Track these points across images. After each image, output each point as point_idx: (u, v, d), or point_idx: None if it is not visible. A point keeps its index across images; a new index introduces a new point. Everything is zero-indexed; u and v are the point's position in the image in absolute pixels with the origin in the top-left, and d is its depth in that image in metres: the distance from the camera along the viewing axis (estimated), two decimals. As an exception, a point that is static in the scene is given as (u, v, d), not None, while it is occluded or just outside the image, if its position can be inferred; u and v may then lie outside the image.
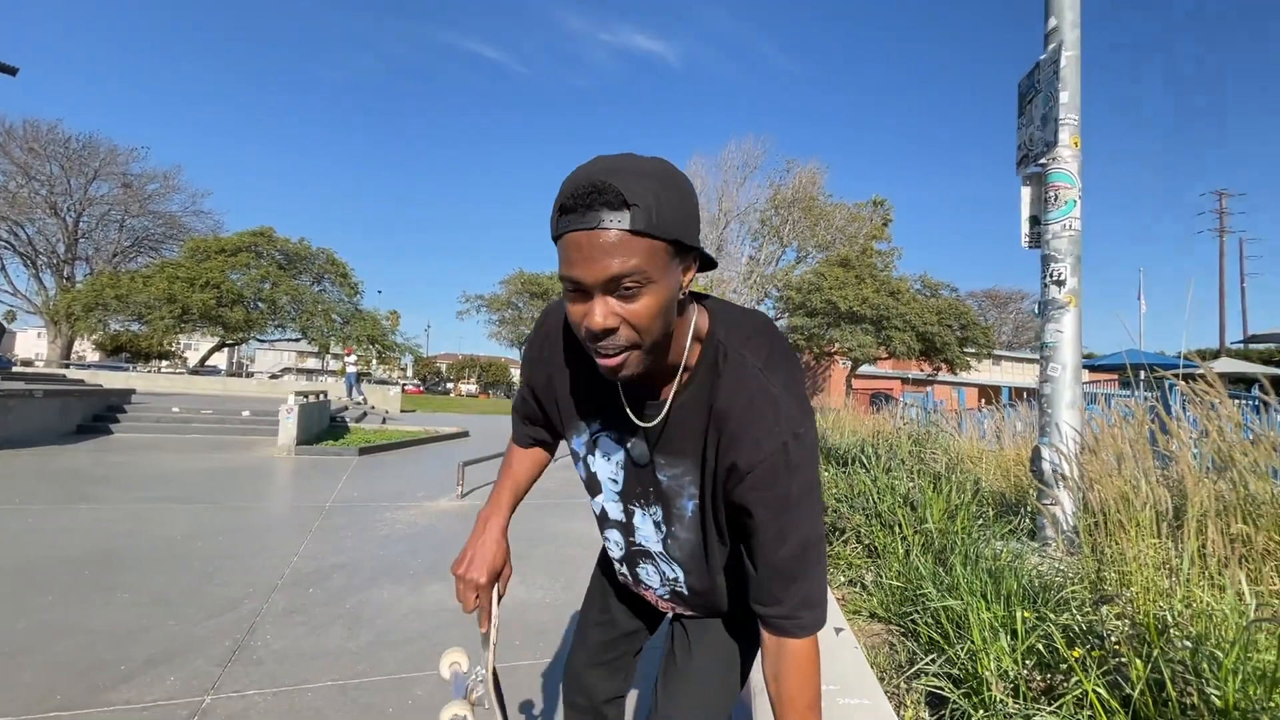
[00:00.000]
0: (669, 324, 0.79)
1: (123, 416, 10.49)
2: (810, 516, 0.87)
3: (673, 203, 0.73)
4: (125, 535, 4.15)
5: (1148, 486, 2.37)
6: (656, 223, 0.71)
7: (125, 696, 2.12)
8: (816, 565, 0.89)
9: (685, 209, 0.76)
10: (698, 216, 0.79)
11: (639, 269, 0.71)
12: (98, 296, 25.01)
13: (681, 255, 0.78)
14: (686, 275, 0.80)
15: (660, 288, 0.74)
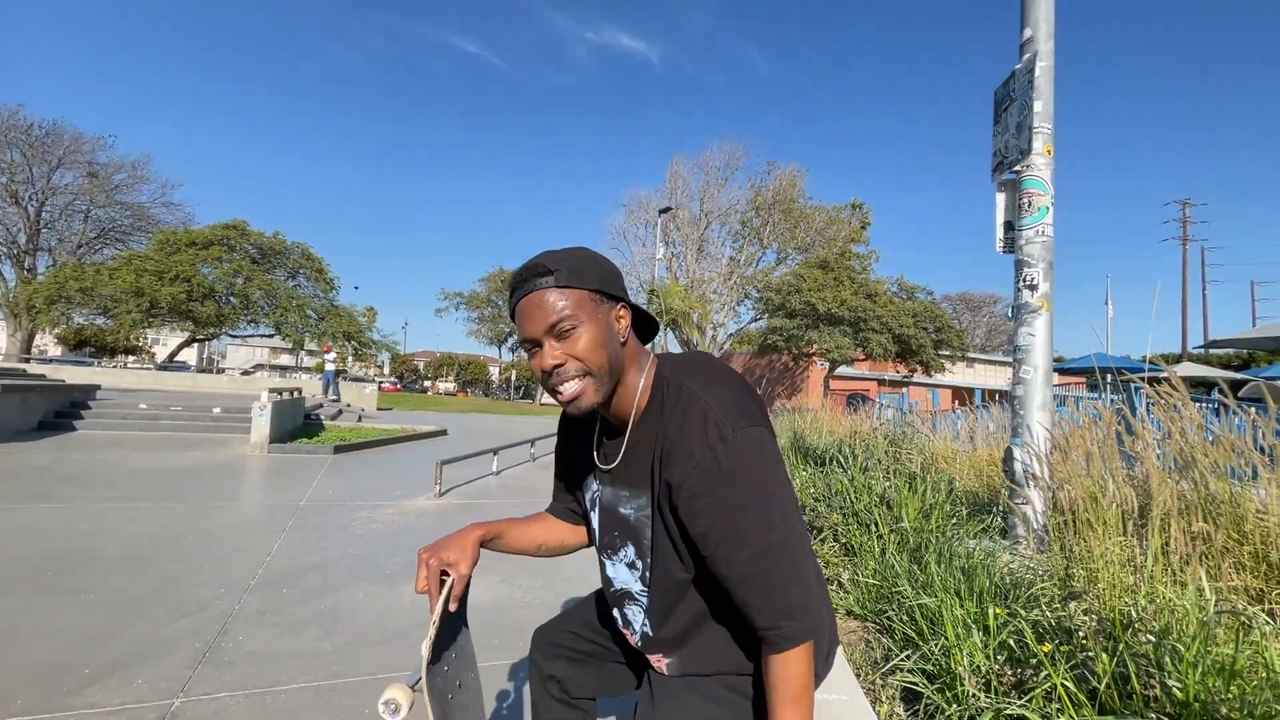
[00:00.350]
0: (611, 356, 0.97)
1: (87, 413, 10.17)
2: (760, 523, 0.90)
3: (588, 264, 0.97)
4: (90, 535, 4.03)
5: (1114, 486, 2.44)
6: (575, 278, 0.95)
7: (90, 700, 2.06)
8: (783, 573, 0.91)
9: (602, 269, 0.99)
10: (617, 276, 1.02)
11: (569, 313, 0.94)
12: (61, 289, 24.20)
13: (607, 302, 0.98)
14: (620, 321, 1.00)
15: (592, 326, 0.95)
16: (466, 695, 1.10)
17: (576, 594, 3.37)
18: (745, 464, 0.89)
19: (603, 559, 1.16)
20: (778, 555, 0.90)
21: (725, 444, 0.89)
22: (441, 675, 1.03)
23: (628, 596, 1.13)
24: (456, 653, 1.10)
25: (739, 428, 0.90)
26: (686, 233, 30.00)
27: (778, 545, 0.90)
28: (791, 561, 0.91)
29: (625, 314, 1.01)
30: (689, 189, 30.42)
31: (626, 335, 1.01)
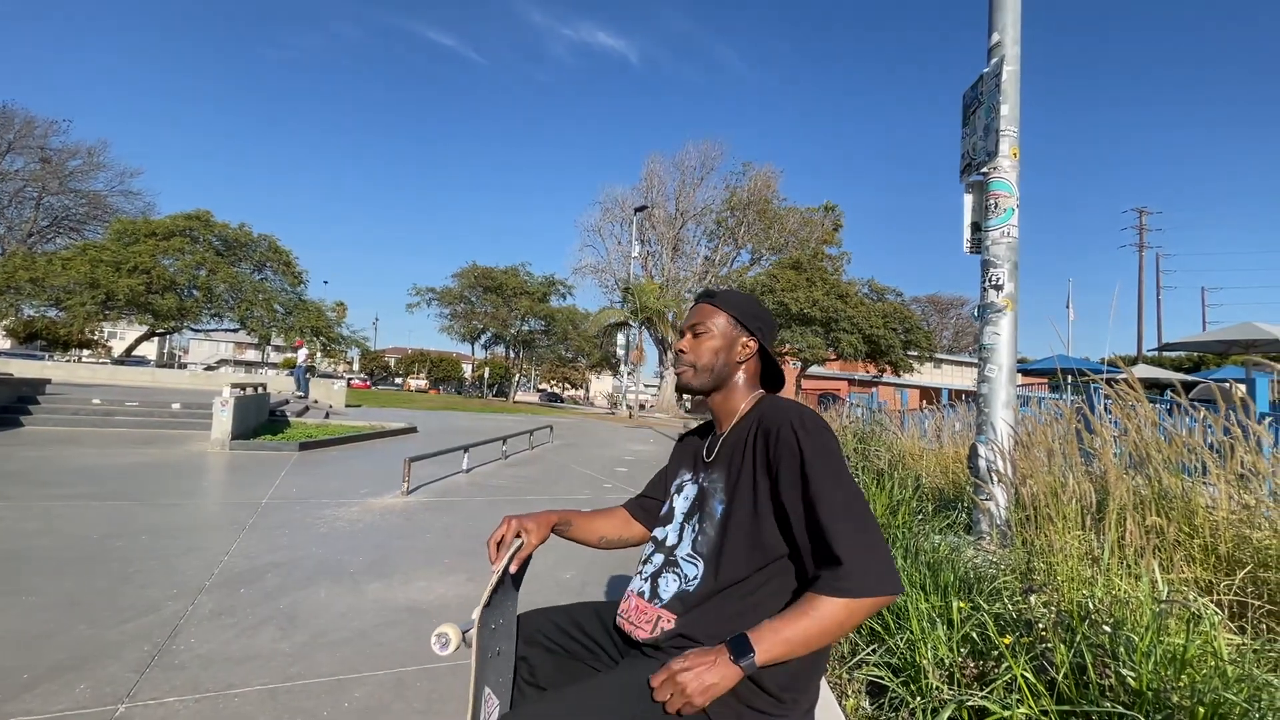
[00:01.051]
0: (719, 364, 1.31)
1: (35, 408, 9.74)
2: (835, 476, 1.06)
3: (741, 301, 1.36)
4: (33, 535, 3.85)
5: (1074, 481, 2.50)
6: (724, 303, 1.34)
7: (26, 706, 1.96)
8: (874, 524, 1.04)
9: (750, 309, 1.34)
10: (762, 318, 1.35)
11: (706, 322, 1.33)
12: (9, 279, 23.14)
13: (740, 329, 1.33)
14: (745, 347, 1.32)
15: (717, 338, 1.31)
16: (501, 663, 1.20)
17: (543, 586, 3.33)
18: (821, 435, 1.11)
19: (663, 529, 1.33)
20: (867, 508, 1.06)
21: (812, 421, 1.14)
22: (489, 632, 1.14)
23: (672, 564, 1.24)
24: (502, 620, 1.21)
25: (818, 419, 1.15)
26: (662, 231, 30.05)
27: (854, 499, 1.05)
28: (864, 517, 1.04)
29: (752, 344, 1.33)
30: (665, 188, 30.48)
31: (746, 358, 1.32)
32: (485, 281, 35.52)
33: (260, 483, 6.06)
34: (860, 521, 1.02)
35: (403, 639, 2.65)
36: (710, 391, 1.33)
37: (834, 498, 1.04)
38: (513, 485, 6.89)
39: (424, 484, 6.34)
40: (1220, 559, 2.24)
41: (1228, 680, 1.47)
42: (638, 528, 1.48)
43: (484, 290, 35.70)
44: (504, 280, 35.21)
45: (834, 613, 0.98)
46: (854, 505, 1.03)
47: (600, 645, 1.31)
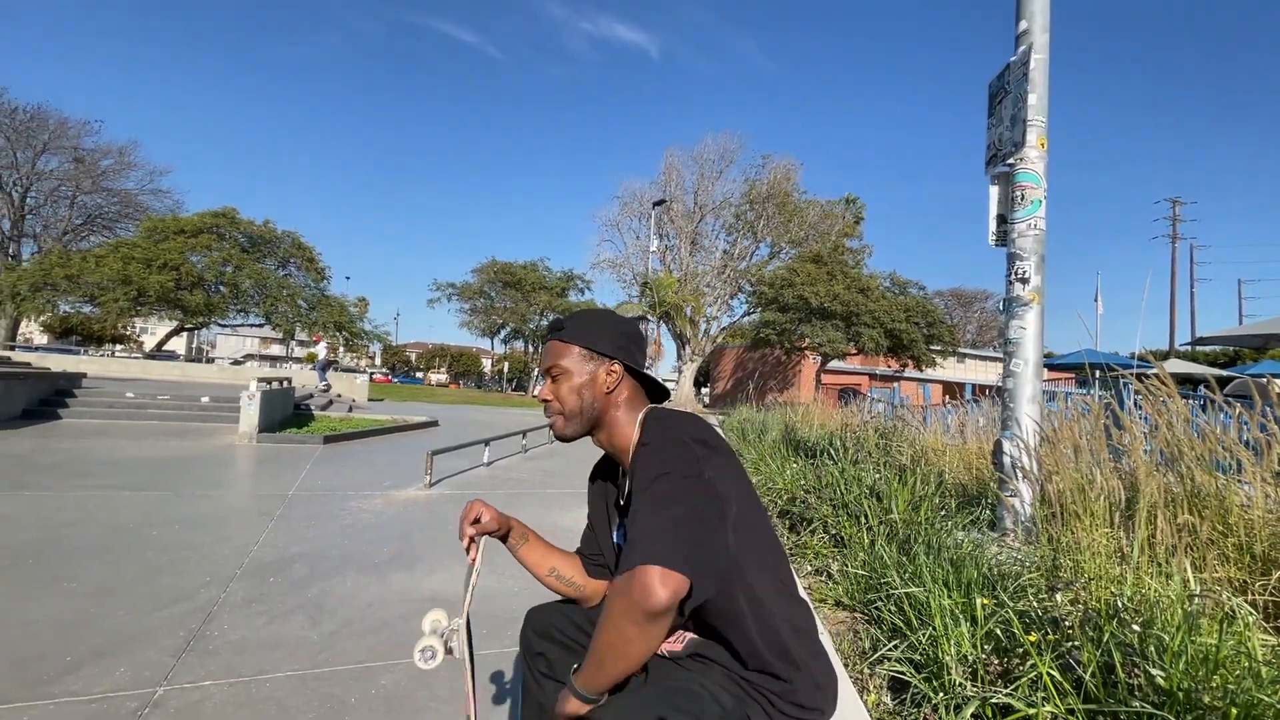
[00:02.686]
0: (585, 401, 1.21)
1: (72, 401, 10.05)
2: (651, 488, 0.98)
3: (593, 325, 1.24)
4: (72, 524, 3.98)
5: (1102, 478, 2.45)
6: (575, 336, 1.22)
7: (70, 688, 2.03)
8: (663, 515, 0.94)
9: (606, 331, 1.23)
10: (622, 335, 1.24)
11: (559, 362, 1.22)
12: (46, 276, 23.84)
13: (599, 358, 1.21)
14: (610, 375, 1.21)
15: (574, 375, 1.21)
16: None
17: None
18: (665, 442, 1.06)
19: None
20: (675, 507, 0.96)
21: (653, 435, 1.10)
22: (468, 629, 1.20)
23: None
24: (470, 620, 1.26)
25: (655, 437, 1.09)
26: (680, 226, 29.91)
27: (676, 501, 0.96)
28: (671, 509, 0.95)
29: (616, 368, 1.22)
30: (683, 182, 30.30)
31: (613, 386, 1.21)
32: (504, 277, 35.77)
33: (286, 475, 6.19)
34: (658, 517, 0.93)
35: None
36: (592, 432, 1.24)
37: (640, 504, 0.97)
38: (533, 478, 6.95)
39: (446, 477, 6.42)
40: (1256, 558, 2.18)
41: (1262, 681, 1.43)
42: (594, 584, 1.38)
43: (503, 285, 35.96)
44: (523, 275, 35.42)
45: (611, 610, 0.92)
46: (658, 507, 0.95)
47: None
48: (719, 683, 1.09)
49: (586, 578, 1.37)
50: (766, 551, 1.14)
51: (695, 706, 1.02)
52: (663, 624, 0.89)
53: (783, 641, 1.10)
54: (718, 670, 1.11)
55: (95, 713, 1.91)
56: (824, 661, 1.16)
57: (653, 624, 0.88)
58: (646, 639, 0.89)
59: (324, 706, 2.03)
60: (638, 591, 0.86)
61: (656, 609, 0.86)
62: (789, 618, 1.13)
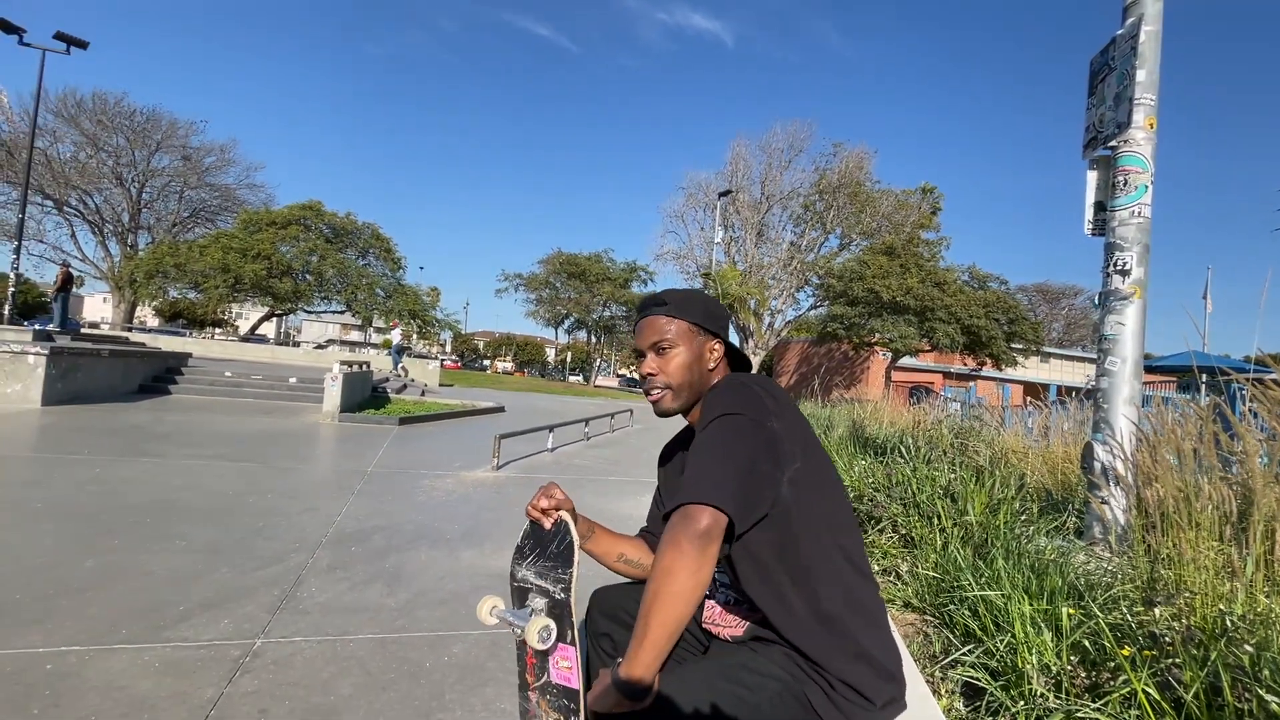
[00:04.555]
0: (693, 377, 1.22)
1: (180, 379, 11.00)
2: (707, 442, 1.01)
3: (696, 303, 1.25)
4: (182, 488, 4.37)
5: (1210, 487, 2.25)
6: (681, 311, 1.23)
7: (184, 635, 2.25)
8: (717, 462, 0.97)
9: (706, 309, 1.25)
10: (720, 317, 1.27)
11: (669, 336, 1.22)
12: (158, 264, 26.17)
13: (704, 335, 1.24)
14: (711, 352, 1.25)
15: (684, 351, 1.22)
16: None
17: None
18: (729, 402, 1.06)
19: None
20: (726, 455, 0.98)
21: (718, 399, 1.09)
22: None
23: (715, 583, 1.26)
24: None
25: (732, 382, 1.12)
26: (746, 216, 29.44)
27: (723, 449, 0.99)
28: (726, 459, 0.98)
29: (719, 347, 1.26)
30: (750, 172, 29.78)
31: (716, 364, 1.25)
32: (569, 268, 36.33)
33: (366, 453, 6.56)
34: (708, 455, 0.97)
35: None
36: (689, 409, 1.26)
37: (696, 442, 1.02)
38: (595, 465, 7.07)
39: (512, 460, 6.62)
40: (1394, 583, 1.95)
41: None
42: (644, 550, 1.39)
43: (568, 276, 36.54)
44: (587, 267, 35.87)
45: (658, 554, 0.91)
46: (711, 444, 0.99)
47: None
48: (778, 661, 1.07)
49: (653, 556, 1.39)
50: (830, 515, 1.11)
51: (751, 680, 1.03)
52: (705, 558, 0.89)
53: (828, 610, 1.06)
54: (778, 650, 1.09)
55: (204, 658, 2.10)
56: (891, 651, 1.11)
57: (696, 556, 0.88)
58: (691, 575, 0.88)
59: (402, 669, 2.15)
60: (679, 524, 0.90)
61: (696, 535, 0.89)
62: (848, 588, 1.09)
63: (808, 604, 1.07)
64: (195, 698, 1.87)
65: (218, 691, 1.91)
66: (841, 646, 1.06)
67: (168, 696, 1.86)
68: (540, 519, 1.20)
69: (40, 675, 1.91)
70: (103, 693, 1.85)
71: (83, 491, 4.08)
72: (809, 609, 1.07)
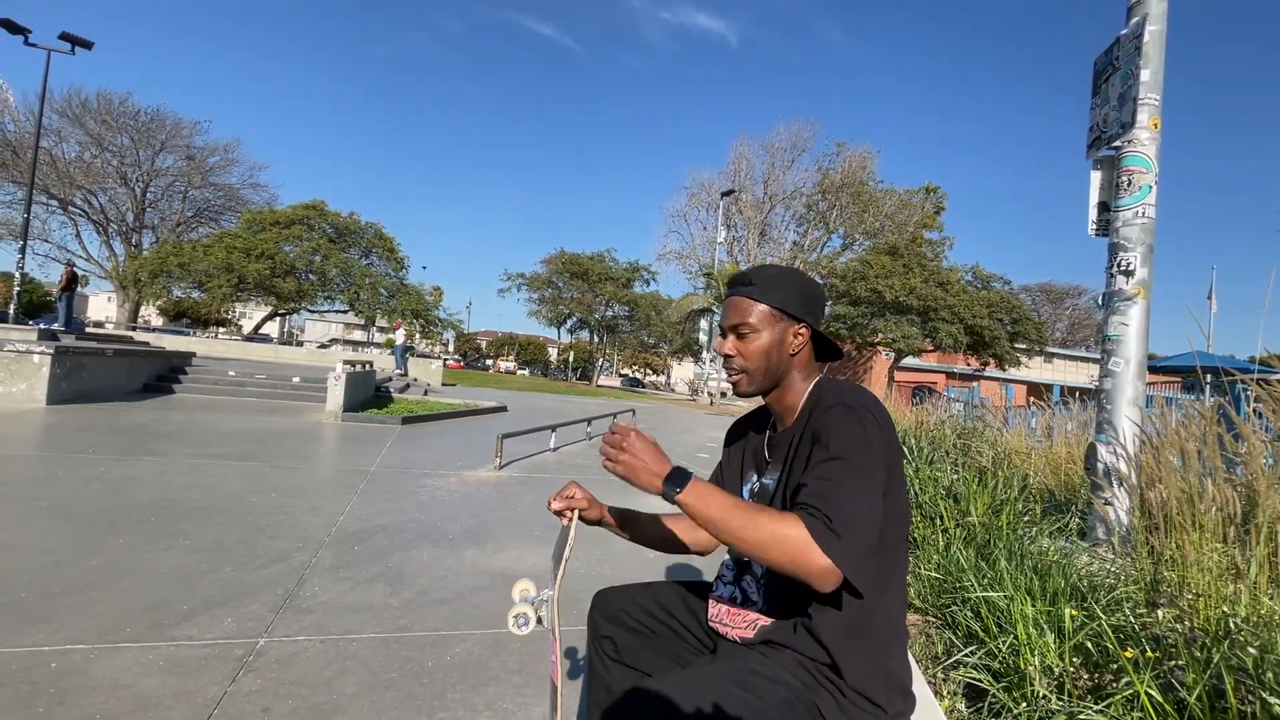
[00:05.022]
0: (772, 363, 1.19)
1: (184, 378, 11.03)
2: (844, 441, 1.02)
3: (783, 284, 1.20)
4: (186, 487, 4.38)
5: (1214, 488, 2.25)
6: (765, 294, 1.19)
7: (188, 633, 2.26)
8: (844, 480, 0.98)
9: (795, 291, 1.19)
10: (811, 300, 1.21)
11: (750, 320, 1.19)
12: (162, 264, 26.27)
13: (788, 319, 1.19)
14: (796, 337, 1.20)
15: (764, 335, 1.19)
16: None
17: (628, 564, 3.41)
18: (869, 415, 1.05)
19: None
20: (842, 466, 1.00)
21: (859, 399, 1.09)
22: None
23: (747, 568, 1.26)
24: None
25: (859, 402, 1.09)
26: (749, 216, 29.43)
27: (849, 466, 1.00)
28: (851, 482, 0.98)
29: (804, 331, 1.21)
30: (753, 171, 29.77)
31: (799, 349, 1.21)
32: (572, 267, 36.35)
33: (368, 452, 6.57)
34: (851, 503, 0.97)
35: (496, 603, 2.81)
36: (768, 392, 1.24)
37: (835, 467, 1.00)
38: (598, 465, 7.05)
39: (515, 460, 6.63)
40: (1399, 585, 1.95)
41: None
42: (704, 535, 1.41)
43: (570, 276, 36.56)
44: (590, 266, 35.88)
45: (795, 540, 0.92)
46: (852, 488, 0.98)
47: (686, 627, 1.33)
48: (787, 667, 1.08)
49: (695, 533, 1.41)
50: (897, 541, 1.12)
51: (761, 686, 1.03)
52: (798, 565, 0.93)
53: (867, 624, 1.07)
54: (788, 656, 1.10)
55: (208, 656, 2.11)
56: (908, 667, 1.13)
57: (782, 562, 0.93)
58: (767, 554, 0.93)
59: (405, 668, 2.15)
60: (805, 552, 0.92)
61: (805, 571, 0.92)
62: (889, 604, 1.10)
63: (852, 616, 1.07)
64: (199, 696, 1.87)
65: (221, 690, 1.92)
66: (868, 659, 1.07)
67: (171, 695, 1.87)
68: (560, 517, 1.28)
69: (46, 673, 1.92)
70: (107, 691, 1.86)
71: (87, 490, 4.10)
72: (849, 621, 1.07)
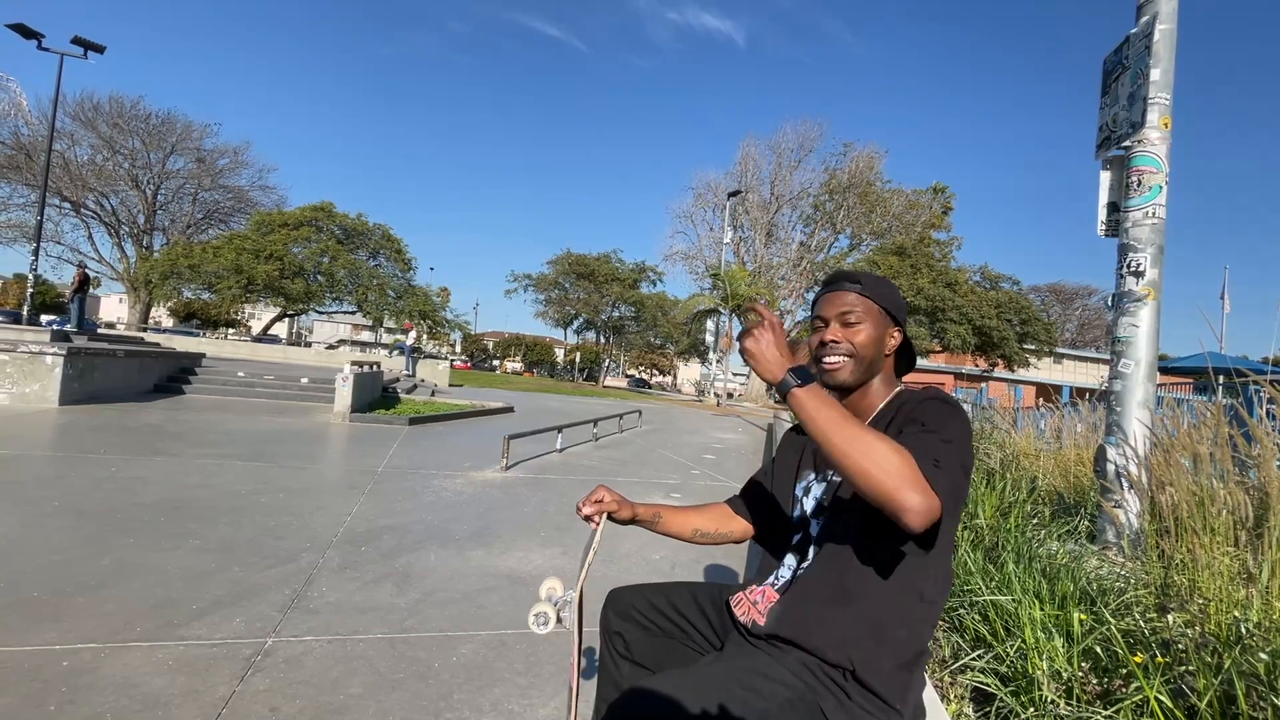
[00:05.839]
0: (874, 355, 1.22)
1: (193, 378, 11.12)
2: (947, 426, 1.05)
3: (887, 289, 1.26)
4: (195, 487, 4.42)
5: (1226, 491, 2.22)
6: (873, 292, 1.23)
7: (197, 633, 2.27)
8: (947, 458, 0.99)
9: (896, 297, 1.27)
10: (902, 307, 1.29)
11: (859, 310, 1.21)
12: (173, 265, 26.49)
13: (889, 320, 1.25)
14: (891, 338, 1.25)
15: (871, 327, 1.22)
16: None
17: (634, 566, 3.42)
18: (960, 415, 1.09)
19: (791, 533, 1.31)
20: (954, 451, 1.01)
21: (950, 400, 1.13)
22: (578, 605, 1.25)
23: (800, 550, 1.26)
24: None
25: (951, 400, 1.13)
26: (755, 217, 29.36)
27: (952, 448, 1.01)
28: (952, 463, 0.99)
29: (898, 335, 1.27)
30: (760, 172, 29.70)
31: (893, 351, 1.26)
32: (578, 268, 36.41)
33: (376, 453, 6.60)
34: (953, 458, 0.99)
35: (503, 603, 2.82)
36: (856, 387, 1.24)
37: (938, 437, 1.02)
38: (604, 466, 7.07)
39: (521, 460, 6.65)
40: None
41: None
42: (739, 523, 1.46)
43: (577, 277, 36.62)
44: (596, 267, 35.93)
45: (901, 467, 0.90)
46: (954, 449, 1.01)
47: (695, 626, 1.34)
48: (791, 668, 1.08)
49: (729, 523, 1.45)
50: (949, 543, 1.14)
51: (764, 685, 1.03)
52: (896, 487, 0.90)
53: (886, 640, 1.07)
54: (794, 657, 1.10)
55: (217, 656, 2.13)
56: (921, 677, 1.13)
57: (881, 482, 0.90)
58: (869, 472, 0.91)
59: (411, 669, 2.16)
60: (910, 479, 0.90)
61: (902, 499, 0.89)
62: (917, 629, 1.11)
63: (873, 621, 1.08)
64: (208, 695, 1.89)
65: (230, 690, 1.93)
66: (881, 666, 1.07)
67: (181, 694, 1.88)
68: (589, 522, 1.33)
69: (57, 672, 1.94)
70: (118, 690, 1.87)
71: (99, 490, 4.14)
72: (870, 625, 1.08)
